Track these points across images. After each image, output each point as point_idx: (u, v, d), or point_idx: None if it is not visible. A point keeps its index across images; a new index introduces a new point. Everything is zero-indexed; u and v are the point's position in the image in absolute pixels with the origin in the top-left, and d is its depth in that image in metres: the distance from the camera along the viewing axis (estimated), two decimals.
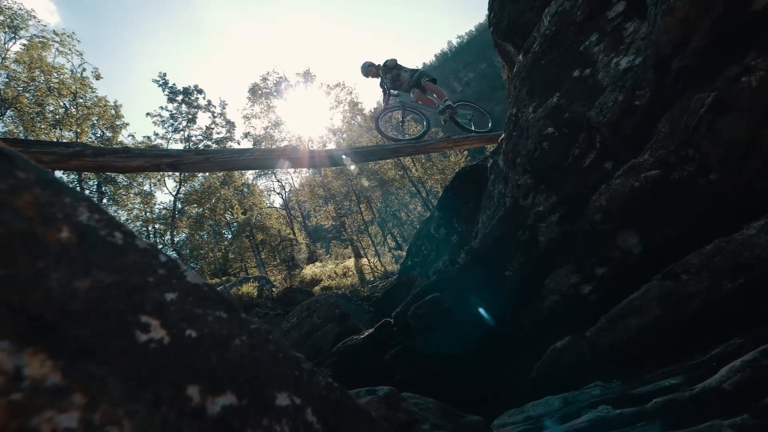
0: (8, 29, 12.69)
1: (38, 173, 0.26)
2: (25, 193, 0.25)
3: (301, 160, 4.72)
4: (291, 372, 0.35)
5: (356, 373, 3.07)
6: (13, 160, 0.25)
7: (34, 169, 0.26)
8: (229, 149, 4.57)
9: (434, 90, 5.11)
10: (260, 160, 4.54)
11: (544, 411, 1.70)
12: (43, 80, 12.95)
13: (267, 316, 8.93)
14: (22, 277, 0.22)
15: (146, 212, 16.74)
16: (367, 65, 5.31)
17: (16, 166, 0.25)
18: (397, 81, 5.25)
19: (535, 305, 2.31)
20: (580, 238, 2.19)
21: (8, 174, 0.25)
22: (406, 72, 5.22)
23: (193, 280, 0.32)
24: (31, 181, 0.25)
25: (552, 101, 2.40)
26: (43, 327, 0.21)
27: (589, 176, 2.13)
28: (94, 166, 3.97)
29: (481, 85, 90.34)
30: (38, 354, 0.20)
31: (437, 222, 6.04)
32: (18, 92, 12.49)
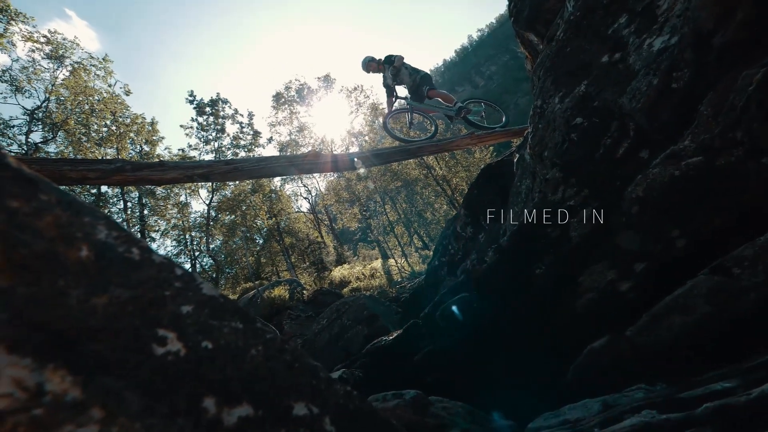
0: (55, 58, 13.80)
1: (59, 195, 0.28)
2: (47, 214, 0.26)
3: (325, 165, 4.79)
4: (308, 381, 0.34)
5: (386, 375, 3.07)
6: (36, 184, 0.27)
7: (55, 191, 0.28)
8: (256, 158, 4.71)
9: (439, 96, 4.95)
10: (285, 166, 4.65)
11: (582, 414, 1.61)
12: (87, 102, 13.97)
13: (299, 318, 9.13)
14: (44, 295, 0.23)
15: (183, 221, 17.63)
16: (367, 60, 5.15)
17: (39, 189, 0.27)
18: (397, 77, 5.10)
19: (570, 304, 2.21)
20: (616, 232, 2.07)
21: (32, 197, 0.26)
22: (407, 69, 5.06)
23: (209, 292, 0.33)
24: (52, 203, 0.27)
25: (579, 90, 2.29)
26: (63, 343, 0.22)
27: (623, 167, 2.01)
28: (134, 179, 4.23)
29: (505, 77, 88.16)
30: (58, 370, 0.21)
31: (464, 220, 5.93)
32: (66, 115, 13.55)
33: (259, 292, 10.62)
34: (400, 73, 5.08)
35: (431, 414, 0.84)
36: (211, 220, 17.27)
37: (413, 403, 0.82)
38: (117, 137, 15.16)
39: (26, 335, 0.21)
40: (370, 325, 4.51)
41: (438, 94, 4.95)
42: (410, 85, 5.06)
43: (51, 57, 13.69)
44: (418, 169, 18.07)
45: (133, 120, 15.75)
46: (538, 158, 2.72)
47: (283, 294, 10.15)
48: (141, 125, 15.86)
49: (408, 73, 5.07)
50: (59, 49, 13.78)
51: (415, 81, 5.01)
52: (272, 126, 19.44)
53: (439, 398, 0.96)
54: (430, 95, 4.94)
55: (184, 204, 17.46)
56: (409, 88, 5.11)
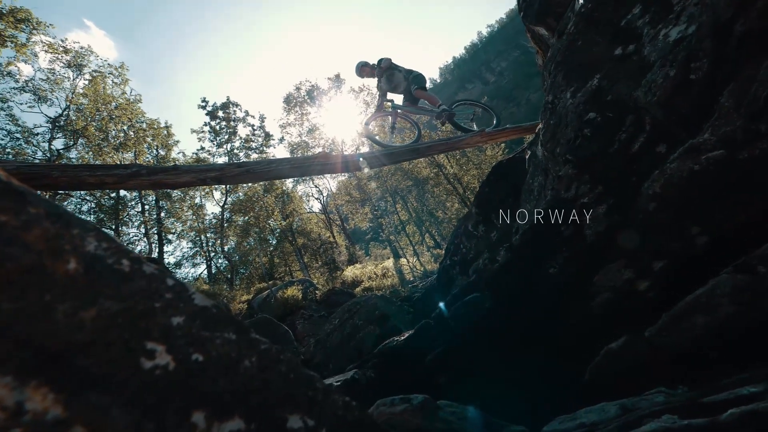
0: (75, 67, 14.26)
1: (48, 207, 0.28)
2: (35, 227, 0.26)
3: (335, 166, 4.80)
4: (303, 392, 0.34)
5: (398, 375, 3.06)
6: (25, 197, 0.27)
7: (44, 203, 0.28)
8: (267, 160, 4.76)
9: (425, 97, 4.81)
10: (296, 168, 4.69)
11: (599, 418, 1.57)
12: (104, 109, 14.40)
13: (312, 318, 9.21)
14: (30, 310, 0.23)
15: (198, 223, 17.99)
16: (360, 65, 5.03)
17: (28, 202, 0.27)
18: (391, 82, 4.98)
19: (585, 303, 2.15)
20: (633, 230, 2.01)
21: (20, 210, 0.26)
22: (401, 72, 4.92)
23: (201, 302, 0.33)
24: (41, 216, 0.27)
25: (592, 84, 2.23)
26: (47, 359, 0.22)
27: (639, 162, 1.95)
28: (149, 184, 4.33)
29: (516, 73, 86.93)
30: (41, 387, 0.21)
31: (475, 219, 5.87)
32: (86, 122, 13.99)
33: (273, 292, 10.75)
34: (394, 76, 4.95)
35: (440, 419, 0.83)
36: (225, 222, 17.57)
37: (421, 408, 0.81)
38: (134, 142, 15.58)
39: (9, 352, 0.21)
40: (381, 325, 4.51)
41: (423, 95, 4.80)
42: (404, 86, 4.92)
43: (70, 65, 14.15)
44: (429, 168, 17.97)
45: (149, 125, 16.17)
46: (550, 155, 2.67)
47: (296, 294, 10.25)
48: (157, 130, 16.26)
49: (403, 76, 4.93)
50: (78, 58, 14.24)
51: (408, 81, 4.87)
52: (283, 128, 19.64)
53: (448, 402, 0.94)
54: (416, 95, 4.80)
55: (199, 206, 17.82)
56: (403, 89, 4.97)
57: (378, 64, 4.93)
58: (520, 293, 2.51)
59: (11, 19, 10.36)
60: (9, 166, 3.69)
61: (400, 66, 5.00)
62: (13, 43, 10.65)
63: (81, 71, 14.42)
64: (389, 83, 4.99)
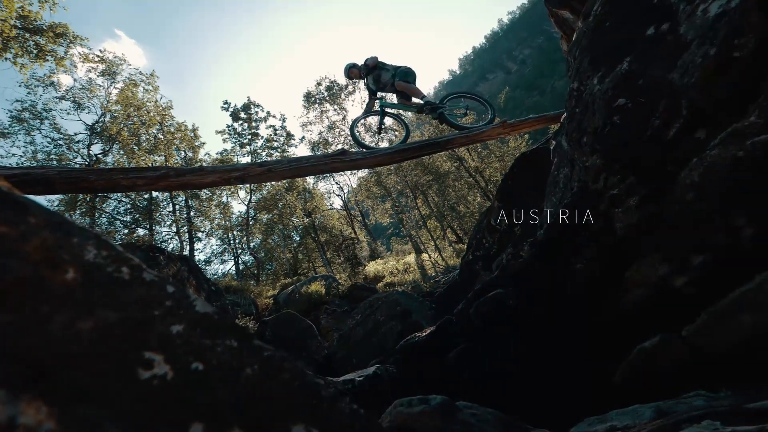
0: (109, 75, 15.02)
1: (49, 217, 0.28)
2: (34, 238, 0.26)
3: (354, 162, 4.81)
4: (308, 401, 0.33)
5: (420, 371, 3.05)
6: (26, 207, 0.27)
7: (45, 213, 0.28)
8: (287, 159, 4.84)
9: (406, 89, 4.63)
10: (317, 165, 4.74)
11: (631, 421, 1.49)
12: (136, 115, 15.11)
13: (335, 313, 9.35)
14: (27, 322, 0.23)
15: (225, 221, 18.61)
16: (348, 67, 4.89)
17: (28, 212, 0.27)
18: (379, 81, 4.82)
19: (615, 300, 2.05)
20: (669, 222, 1.88)
21: (20, 221, 0.26)
22: (388, 71, 4.76)
23: (203, 309, 0.32)
24: (41, 226, 0.27)
25: (621, 68, 2.10)
26: (41, 372, 0.22)
27: (675, 150, 1.82)
28: (177, 185, 4.50)
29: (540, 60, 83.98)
30: (34, 401, 0.21)
31: (498, 213, 5.73)
32: (120, 128, 14.74)
33: (297, 288, 10.98)
34: (381, 75, 4.80)
35: (459, 421, 0.81)
36: (250, 219, 18.08)
37: (440, 410, 0.79)
38: (164, 145, 16.28)
39: (3, 366, 0.21)
40: (403, 321, 4.51)
41: (405, 87, 4.62)
42: (391, 84, 4.76)
43: (105, 74, 14.92)
44: (449, 162, 17.70)
45: (177, 128, 16.82)
46: (576, 144, 2.55)
47: (319, 289, 10.42)
48: (184, 133, 16.90)
49: (390, 75, 4.78)
50: (112, 67, 14.99)
51: (393, 75, 4.71)
52: (303, 126, 19.90)
53: (468, 404, 0.92)
54: (398, 87, 4.64)
55: (225, 205, 18.41)
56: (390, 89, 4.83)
57: (364, 63, 4.80)
58: (546, 290, 2.42)
59: (51, 34, 11.01)
60: (51, 171, 3.93)
61: (388, 64, 4.85)
62: (53, 56, 11.33)
63: (114, 79, 15.17)
64: (377, 83, 4.86)
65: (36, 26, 10.67)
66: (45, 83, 13.41)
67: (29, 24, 10.47)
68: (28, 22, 10.45)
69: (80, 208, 14.00)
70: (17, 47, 10.44)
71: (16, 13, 9.98)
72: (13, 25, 10.01)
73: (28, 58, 10.81)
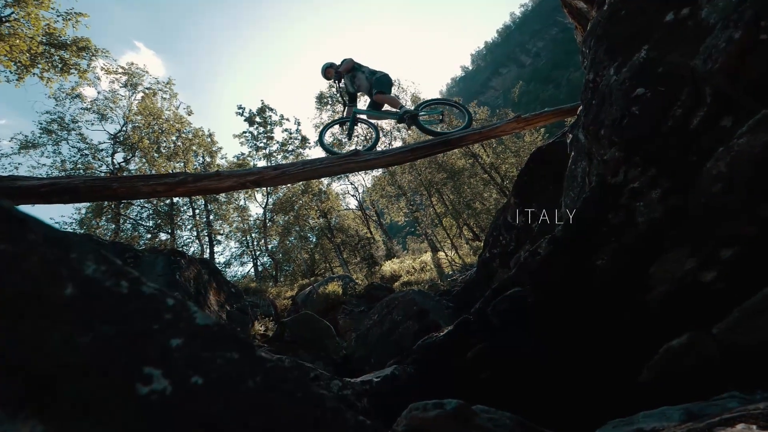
0: (130, 86, 15.56)
1: (48, 232, 0.28)
2: (33, 254, 0.27)
3: (367, 163, 4.81)
4: (311, 413, 0.32)
5: (439, 371, 3.02)
6: (25, 223, 0.28)
7: (44, 229, 0.28)
8: (301, 161, 4.90)
9: (386, 101, 4.60)
10: (330, 167, 4.77)
11: (659, 424, 1.43)
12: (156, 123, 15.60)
13: (352, 313, 9.39)
14: (25, 338, 0.23)
15: (244, 224, 18.99)
16: (325, 67, 4.81)
17: (28, 229, 0.28)
18: (354, 83, 4.76)
19: (639, 297, 1.97)
20: (695, 215, 1.80)
21: (19, 237, 0.27)
22: (364, 72, 4.69)
23: (203, 321, 0.32)
24: (39, 242, 0.27)
25: (639, 57, 2.02)
26: (39, 388, 0.22)
27: (700, 139, 1.74)
28: (195, 190, 4.62)
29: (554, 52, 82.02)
30: (30, 419, 0.21)
31: (514, 209, 5.63)
32: (141, 136, 15.25)
33: (315, 288, 11.09)
34: (356, 77, 4.73)
35: (475, 426, 0.79)
36: (267, 222, 18.39)
37: (455, 414, 0.78)
38: (183, 151, 16.75)
39: (1, 383, 0.21)
40: (420, 320, 4.48)
41: (384, 99, 4.59)
42: (367, 89, 4.70)
43: (127, 85, 15.47)
44: (464, 159, 17.50)
45: (195, 134, 17.26)
46: (593, 138, 2.47)
47: (336, 289, 10.48)
48: (201, 138, 17.33)
49: (365, 77, 4.70)
50: (133, 77, 15.53)
51: (371, 83, 4.65)
52: (316, 127, 20.07)
53: (485, 408, 0.90)
54: (376, 99, 4.61)
55: (243, 208, 18.78)
56: (367, 92, 4.76)
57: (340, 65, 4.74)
58: (565, 287, 2.36)
59: (74, 49, 11.49)
60: (77, 181, 4.09)
61: (364, 66, 4.78)
62: (77, 69, 11.82)
63: (135, 89, 15.72)
64: (352, 85, 4.80)
65: (60, 42, 11.15)
66: (71, 96, 14.01)
67: (54, 40, 10.96)
68: (54, 38, 10.94)
69: (106, 215, 14.57)
70: (44, 62, 10.94)
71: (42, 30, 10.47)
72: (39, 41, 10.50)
73: (54, 72, 11.31)
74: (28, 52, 10.24)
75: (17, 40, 9.86)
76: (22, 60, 10.26)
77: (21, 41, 9.93)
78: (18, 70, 10.50)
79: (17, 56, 10.06)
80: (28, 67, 10.59)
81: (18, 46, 9.91)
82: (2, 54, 9.86)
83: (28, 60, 10.44)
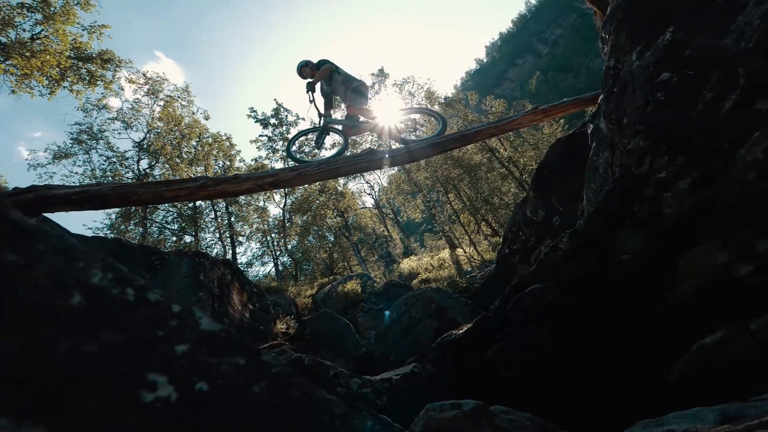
0: (152, 95, 16.13)
1: (56, 243, 0.29)
2: (41, 264, 0.27)
3: (381, 161, 4.80)
4: (317, 418, 0.32)
5: (459, 369, 2.99)
6: (34, 235, 0.29)
7: (52, 239, 0.29)
8: (317, 161, 4.95)
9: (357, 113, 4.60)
10: (345, 166, 4.79)
11: (692, 426, 1.36)
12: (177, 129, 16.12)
13: (371, 311, 9.44)
14: (33, 348, 0.24)
15: (263, 225, 19.38)
16: (301, 65, 4.70)
17: (36, 239, 0.28)
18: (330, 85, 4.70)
19: (667, 293, 1.88)
20: (727, 205, 1.70)
21: (28, 248, 0.27)
22: (340, 75, 4.63)
23: (208, 327, 0.32)
24: (47, 252, 0.28)
25: (664, 40, 1.92)
26: (45, 397, 0.23)
27: (732, 124, 1.64)
28: (216, 193, 4.74)
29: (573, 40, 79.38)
30: (36, 427, 0.22)
31: (533, 203, 5.49)
32: (163, 143, 15.79)
33: (334, 287, 11.19)
34: (333, 80, 4.66)
35: (494, 427, 0.77)
36: (286, 222, 18.69)
37: (473, 415, 0.76)
38: (204, 156, 17.24)
39: (8, 393, 0.22)
40: (439, 318, 4.45)
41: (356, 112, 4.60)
42: (343, 95, 4.66)
43: (149, 93, 16.05)
44: (480, 154, 17.22)
45: (214, 139, 17.73)
46: (616, 127, 2.37)
47: (355, 288, 10.54)
48: (220, 143, 17.79)
49: (341, 81, 4.64)
50: (155, 85, 16.10)
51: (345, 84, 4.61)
52: None
53: (504, 408, 0.87)
54: (348, 111, 4.62)
55: (263, 209, 19.16)
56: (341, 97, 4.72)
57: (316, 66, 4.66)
58: (588, 283, 2.28)
59: (99, 61, 12.00)
60: (105, 188, 4.28)
61: (341, 69, 4.72)
62: (103, 81, 12.34)
63: (157, 97, 16.28)
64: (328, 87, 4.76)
65: (87, 55, 11.67)
66: (98, 106, 14.66)
67: (81, 53, 11.48)
68: (80, 52, 11.46)
69: (134, 219, 15.18)
70: (72, 76, 11.48)
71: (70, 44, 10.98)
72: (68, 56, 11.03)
73: (82, 85, 11.86)
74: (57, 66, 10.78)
75: (48, 56, 10.40)
76: (52, 74, 10.81)
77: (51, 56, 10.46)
78: (49, 85, 11.08)
79: (48, 71, 10.61)
80: (59, 81, 11.15)
81: (49, 62, 10.45)
82: (35, 69, 10.42)
83: (58, 74, 10.98)
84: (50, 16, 10.42)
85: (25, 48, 10.16)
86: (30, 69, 10.29)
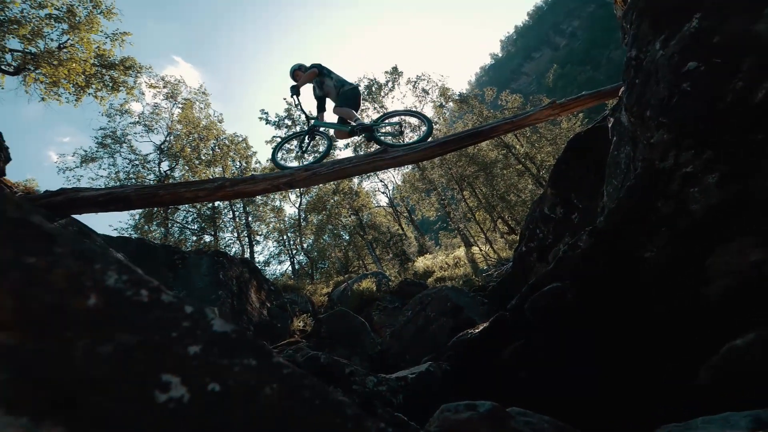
0: (171, 98, 16.60)
1: (74, 245, 0.30)
2: (59, 267, 0.28)
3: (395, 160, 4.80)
4: (330, 420, 0.31)
5: (475, 369, 2.96)
6: (53, 238, 0.29)
7: (70, 242, 0.30)
8: (331, 161, 5.00)
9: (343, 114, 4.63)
10: (359, 166, 4.81)
11: (721, 431, 1.30)
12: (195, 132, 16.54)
13: (386, 310, 9.45)
14: (51, 350, 0.24)
15: (280, 224, 19.69)
16: (294, 68, 4.76)
17: (55, 243, 0.29)
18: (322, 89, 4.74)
19: (694, 293, 1.81)
20: (761, 199, 1.61)
21: (47, 251, 0.28)
22: (332, 79, 4.66)
23: (221, 328, 0.32)
24: (65, 255, 0.29)
25: (690, 27, 1.83)
26: (63, 398, 0.23)
27: (765, 116, 1.55)
28: (233, 194, 4.84)
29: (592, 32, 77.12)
30: (54, 428, 0.22)
31: (551, 200, 5.37)
32: (183, 145, 16.24)
33: (349, 285, 11.25)
34: (324, 83, 4.70)
35: (511, 429, 0.75)
36: (302, 221, 18.93)
37: (488, 417, 0.74)
38: (221, 157, 17.64)
39: (27, 394, 0.22)
40: (454, 317, 4.41)
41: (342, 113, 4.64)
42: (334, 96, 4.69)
43: (168, 97, 16.53)
44: (496, 150, 16.95)
45: (230, 140, 18.10)
46: (638, 120, 2.28)
47: (370, 286, 10.57)
48: (237, 144, 18.15)
49: (333, 85, 4.67)
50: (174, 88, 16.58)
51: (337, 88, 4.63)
52: None
53: (521, 410, 0.85)
54: (335, 112, 4.65)
55: (279, 208, 19.47)
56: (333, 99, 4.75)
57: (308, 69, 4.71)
58: (609, 282, 2.21)
59: (121, 67, 12.44)
60: (129, 190, 4.42)
61: (333, 73, 4.74)
62: (125, 87, 12.79)
63: (176, 101, 16.75)
64: (320, 90, 4.79)
65: (110, 62, 12.11)
66: (121, 111, 15.21)
67: (104, 61, 11.93)
68: (104, 60, 11.91)
69: (156, 220, 15.69)
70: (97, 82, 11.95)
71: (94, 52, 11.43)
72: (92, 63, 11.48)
73: (106, 91, 12.33)
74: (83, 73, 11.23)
75: (74, 64, 10.84)
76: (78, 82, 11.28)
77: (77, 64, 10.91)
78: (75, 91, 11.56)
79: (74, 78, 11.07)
80: (84, 87, 11.62)
81: (75, 69, 10.90)
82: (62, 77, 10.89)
83: (84, 81, 11.44)
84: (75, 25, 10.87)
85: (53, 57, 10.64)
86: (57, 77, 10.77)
